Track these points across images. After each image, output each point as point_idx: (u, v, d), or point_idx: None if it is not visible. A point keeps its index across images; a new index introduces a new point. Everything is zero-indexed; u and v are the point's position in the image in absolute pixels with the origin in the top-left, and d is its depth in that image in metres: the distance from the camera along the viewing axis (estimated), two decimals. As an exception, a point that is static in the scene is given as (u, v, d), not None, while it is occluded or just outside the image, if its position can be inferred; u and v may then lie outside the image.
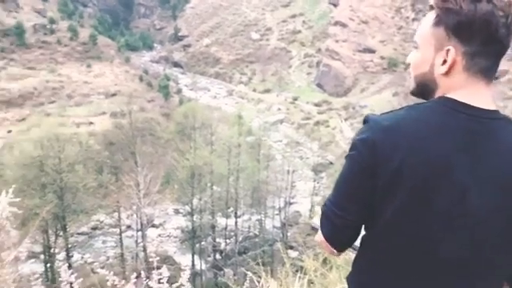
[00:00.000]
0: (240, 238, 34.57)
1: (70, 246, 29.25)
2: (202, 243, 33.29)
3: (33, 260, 25.61)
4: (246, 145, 38.75)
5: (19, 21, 70.82)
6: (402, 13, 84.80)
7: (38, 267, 24.42)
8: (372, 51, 70.91)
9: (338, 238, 1.29)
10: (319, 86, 70.26)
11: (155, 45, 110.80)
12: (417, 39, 1.22)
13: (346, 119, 54.49)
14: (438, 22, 1.16)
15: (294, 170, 41.62)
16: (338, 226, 1.24)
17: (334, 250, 1.33)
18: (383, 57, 69.05)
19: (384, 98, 52.42)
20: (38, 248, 27.31)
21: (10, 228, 4.90)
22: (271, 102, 68.68)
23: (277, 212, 36.68)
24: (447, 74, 1.15)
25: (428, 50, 1.18)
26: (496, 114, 1.17)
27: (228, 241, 34.57)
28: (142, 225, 30.25)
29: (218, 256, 33.78)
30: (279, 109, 65.97)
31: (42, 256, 27.61)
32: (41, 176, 27.70)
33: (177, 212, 38.29)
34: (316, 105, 64.81)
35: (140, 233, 30.63)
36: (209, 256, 33.75)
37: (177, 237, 35.82)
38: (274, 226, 35.76)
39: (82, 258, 30.26)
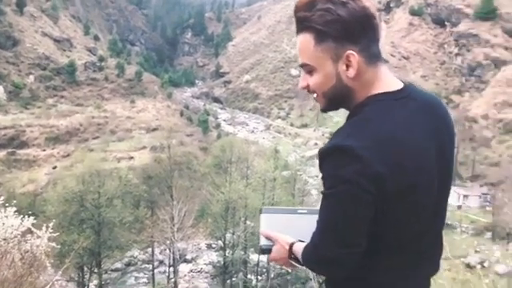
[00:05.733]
0: (272, 275, 34.04)
1: (103, 283, 29.43)
2: (233, 279, 33.06)
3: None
4: (282, 179, 38.50)
5: (72, 59, 75.42)
6: (445, 48, 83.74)
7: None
8: (413, 86, 71.00)
9: (347, 270, 1.21)
10: (358, 120, 69.74)
11: (197, 81, 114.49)
12: (309, 62, 1.21)
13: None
14: (322, 38, 1.16)
15: (329, 206, 40.98)
16: (348, 262, 1.18)
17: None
18: (424, 92, 68.24)
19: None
20: (72, 286, 27.63)
21: (47, 264, 5.16)
22: (308, 136, 68.73)
23: (311, 249, 35.86)
24: (356, 76, 1.17)
25: (326, 65, 1.19)
26: (410, 86, 1.25)
27: (260, 277, 34.15)
28: (174, 260, 30.59)
29: (248, 292, 33.37)
30: (316, 143, 65.87)
31: (75, 295, 27.91)
32: (80, 211, 28.55)
33: (209, 247, 38.44)
34: (354, 140, 64.26)
35: (172, 268, 30.90)
36: (240, 292, 33.41)
37: (208, 272, 35.89)
38: (308, 263, 34.93)
39: (114, 295, 30.41)
